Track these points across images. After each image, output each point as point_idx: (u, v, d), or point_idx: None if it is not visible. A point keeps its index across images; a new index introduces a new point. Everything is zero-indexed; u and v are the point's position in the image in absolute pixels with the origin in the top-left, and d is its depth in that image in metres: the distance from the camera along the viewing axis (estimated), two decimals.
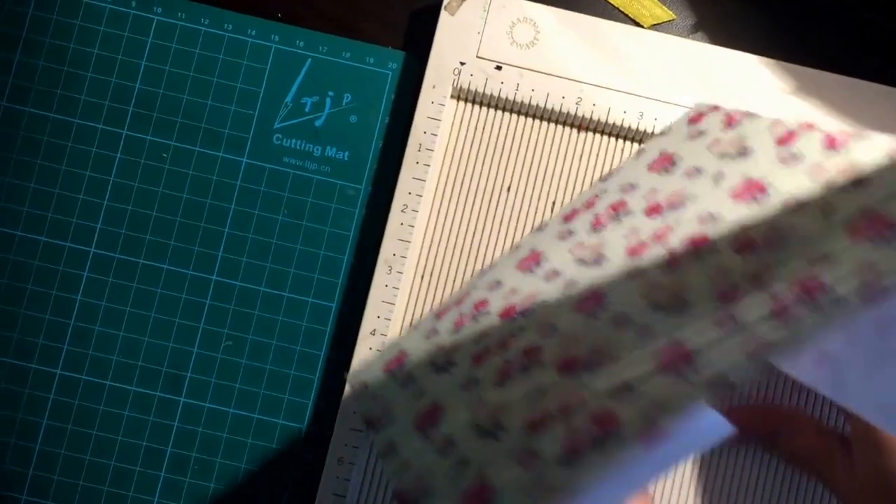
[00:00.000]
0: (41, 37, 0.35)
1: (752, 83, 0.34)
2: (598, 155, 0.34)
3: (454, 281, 0.33)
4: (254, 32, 0.35)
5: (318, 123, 0.35)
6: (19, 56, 0.35)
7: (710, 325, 0.20)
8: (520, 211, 0.34)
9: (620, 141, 0.34)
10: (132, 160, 0.35)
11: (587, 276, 0.26)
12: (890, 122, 0.33)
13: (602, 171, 0.34)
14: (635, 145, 0.34)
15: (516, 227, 0.34)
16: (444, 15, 0.34)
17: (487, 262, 0.34)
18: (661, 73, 0.34)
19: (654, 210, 0.27)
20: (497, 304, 0.28)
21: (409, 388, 0.26)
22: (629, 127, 0.33)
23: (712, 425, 0.19)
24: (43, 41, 0.35)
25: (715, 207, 0.25)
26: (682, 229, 0.25)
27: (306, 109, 0.35)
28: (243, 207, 0.34)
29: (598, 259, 0.26)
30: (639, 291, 0.24)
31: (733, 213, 0.24)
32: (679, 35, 0.35)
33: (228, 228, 0.34)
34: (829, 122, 0.33)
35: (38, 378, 0.34)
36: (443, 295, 0.33)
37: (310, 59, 0.35)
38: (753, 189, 0.25)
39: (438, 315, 0.29)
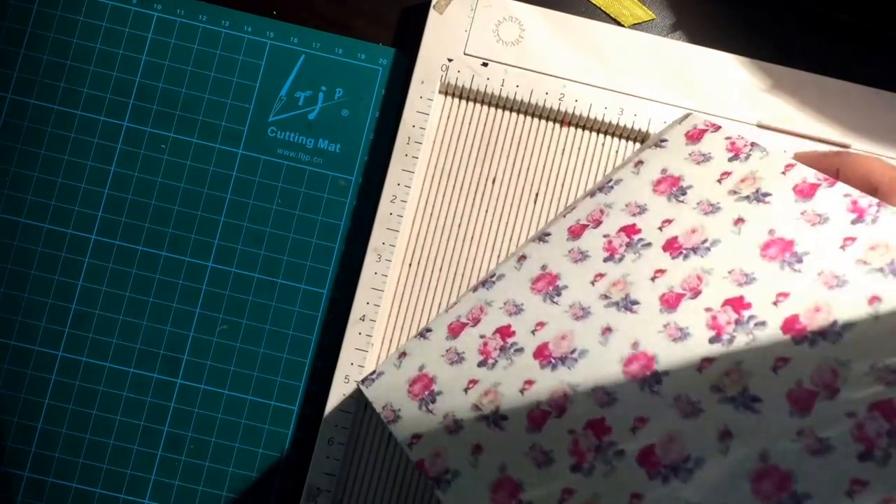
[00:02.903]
0: (46, 32, 0.36)
1: (729, 81, 0.35)
2: (580, 149, 0.35)
3: (441, 269, 0.35)
4: (250, 29, 0.36)
5: (311, 117, 0.36)
6: (24, 50, 0.36)
7: (790, 435, 0.20)
8: (504, 202, 0.35)
9: (602, 136, 0.35)
10: (132, 151, 0.36)
11: (623, 326, 0.26)
12: (864, 120, 0.34)
13: (584, 164, 0.35)
14: (616, 140, 0.35)
15: (501, 217, 0.35)
16: (432, 13, 0.35)
17: (473, 250, 0.35)
18: (641, 71, 0.35)
19: (673, 247, 0.27)
20: (526, 339, 0.27)
21: (460, 437, 0.25)
22: (610, 122, 0.35)
23: None
24: (47, 36, 0.36)
25: (747, 265, 0.25)
26: (715, 285, 0.25)
27: (300, 103, 0.36)
28: (239, 197, 0.36)
29: (628, 302, 0.26)
30: (694, 366, 0.23)
31: (767, 276, 0.24)
32: (659, 34, 0.36)
33: (224, 217, 0.36)
34: (803, 119, 0.34)
35: (40, 360, 0.35)
36: (429, 282, 0.35)
37: (303, 55, 0.36)
38: (784, 249, 0.25)
39: (452, 331, 0.29)
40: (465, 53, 0.35)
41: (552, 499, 0.23)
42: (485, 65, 0.35)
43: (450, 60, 0.35)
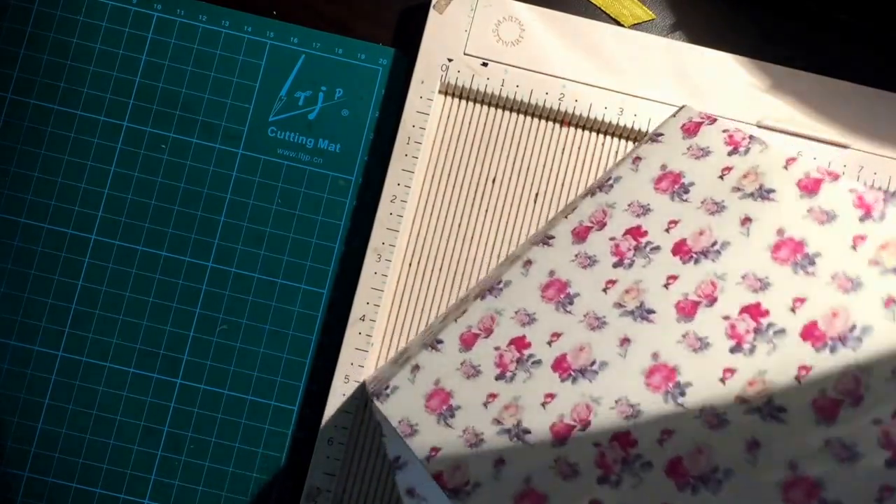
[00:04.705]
0: (46, 32, 0.36)
1: (729, 81, 0.35)
2: (580, 149, 0.35)
3: (440, 268, 0.35)
4: (250, 29, 0.36)
5: (311, 117, 0.36)
6: (24, 50, 0.36)
7: (818, 444, 0.21)
8: (504, 202, 0.35)
9: (602, 136, 0.36)
10: (132, 151, 0.36)
11: (641, 336, 0.26)
12: (864, 120, 0.34)
13: (584, 164, 0.35)
14: (616, 140, 0.35)
15: (501, 217, 0.35)
16: (432, 13, 0.35)
17: (473, 250, 0.35)
18: (641, 71, 0.35)
19: (683, 251, 0.27)
20: (542, 350, 0.27)
21: (481, 451, 0.25)
22: (610, 122, 0.35)
23: None
24: (47, 36, 0.36)
25: (760, 269, 0.25)
26: (730, 291, 0.25)
27: (300, 103, 0.36)
28: (239, 197, 0.36)
29: (643, 311, 0.26)
30: (717, 376, 0.24)
31: (782, 280, 0.24)
32: (659, 34, 0.36)
33: (224, 217, 0.36)
34: (802, 119, 0.34)
35: (40, 359, 0.35)
36: (429, 282, 0.35)
37: (303, 55, 0.36)
38: (795, 250, 0.25)
39: (465, 342, 0.29)
40: (465, 53, 0.35)
41: None
42: (485, 65, 0.35)
43: (450, 60, 0.35)
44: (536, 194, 0.35)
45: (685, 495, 0.22)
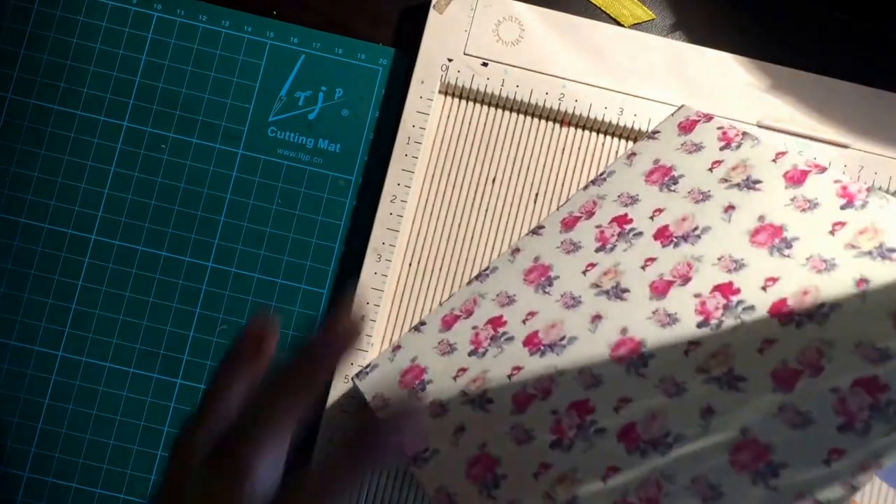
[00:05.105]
0: (46, 32, 0.36)
1: (729, 81, 0.35)
2: (580, 149, 0.35)
3: (440, 268, 0.35)
4: (250, 29, 0.36)
5: (311, 117, 0.36)
6: (24, 50, 0.36)
7: (772, 410, 0.21)
8: (504, 201, 0.35)
9: (602, 136, 0.35)
10: (132, 151, 0.36)
11: (613, 313, 0.26)
12: (864, 120, 0.34)
13: (584, 164, 0.35)
14: (616, 140, 0.35)
15: (501, 217, 0.35)
16: (432, 13, 0.35)
17: (472, 250, 0.35)
18: (641, 71, 0.35)
19: (664, 235, 0.27)
20: (517, 328, 0.27)
21: (444, 420, 0.25)
22: (610, 122, 0.35)
23: None
24: (47, 36, 0.36)
25: (736, 251, 0.25)
26: (705, 272, 0.25)
27: (300, 103, 0.36)
28: (239, 197, 0.36)
29: (618, 291, 0.26)
30: (681, 349, 0.24)
31: (757, 262, 0.24)
32: (658, 34, 0.36)
33: (224, 217, 0.36)
34: (802, 119, 0.34)
35: (40, 360, 0.35)
36: (429, 282, 0.35)
37: (303, 55, 0.36)
38: (773, 235, 0.25)
39: (445, 323, 0.29)
40: (465, 53, 0.35)
41: (528, 472, 0.23)
42: (485, 65, 0.35)
43: (450, 60, 0.35)
44: (536, 194, 0.35)
45: (633, 458, 0.22)
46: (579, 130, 0.36)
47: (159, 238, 0.36)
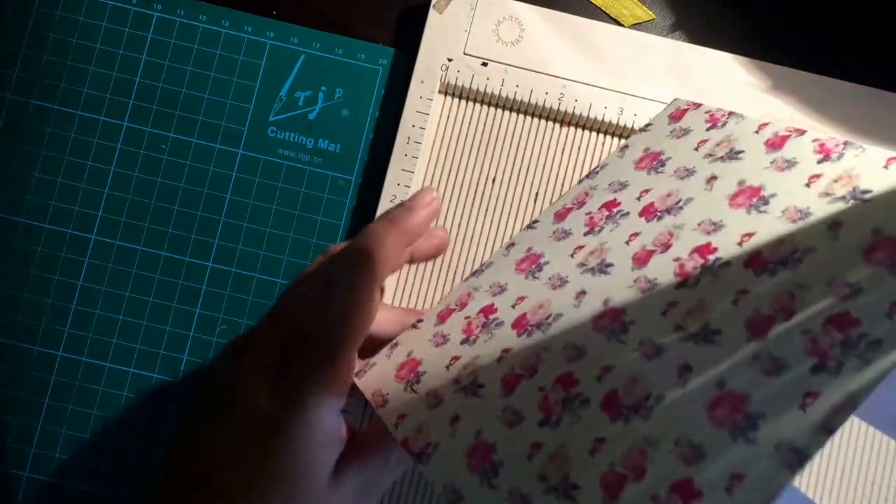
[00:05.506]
0: (46, 32, 0.36)
1: (729, 81, 0.35)
2: (579, 149, 0.35)
3: (440, 268, 0.35)
4: (250, 29, 0.36)
5: (311, 117, 0.36)
6: (24, 50, 0.36)
7: (747, 360, 0.21)
8: (504, 201, 0.35)
9: (601, 135, 0.36)
10: (132, 151, 0.36)
11: (597, 287, 0.26)
12: (864, 120, 0.34)
13: (584, 164, 0.35)
14: (616, 140, 0.35)
15: (501, 216, 0.35)
16: (432, 13, 0.35)
17: (472, 250, 0.35)
18: (640, 71, 0.35)
19: (649, 211, 0.27)
20: (507, 313, 0.27)
21: (440, 410, 0.25)
22: (610, 122, 0.35)
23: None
24: (47, 36, 0.36)
25: (715, 215, 0.25)
26: (685, 237, 0.25)
27: (300, 103, 0.36)
28: (239, 197, 0.36)
29: (603, 267, 0.26)
30: (659, 311, 0.24)
31: (735, 222, 0.24)
32: (659, 34, 0.36)
33: (224, 217, 0.36)
34: (802, 119, 0.34)
35: (40, 359, 0.35)
36: (429, 282, 0.35)
37: (303, 55, 0.36)
38: (751, 195, 0.25)
39: (441, 317, 0.29)
40: (464, 53, 0.35)
41: (521, 455, 0.23)
42: (484, 64, 0.35)
43: (449, 60, 0.35)
44: (536, 194, 0.35)
45: (618, 426, 0.22)
46: (579, 130, 0.36)
47: (159, 238, 0.36)
